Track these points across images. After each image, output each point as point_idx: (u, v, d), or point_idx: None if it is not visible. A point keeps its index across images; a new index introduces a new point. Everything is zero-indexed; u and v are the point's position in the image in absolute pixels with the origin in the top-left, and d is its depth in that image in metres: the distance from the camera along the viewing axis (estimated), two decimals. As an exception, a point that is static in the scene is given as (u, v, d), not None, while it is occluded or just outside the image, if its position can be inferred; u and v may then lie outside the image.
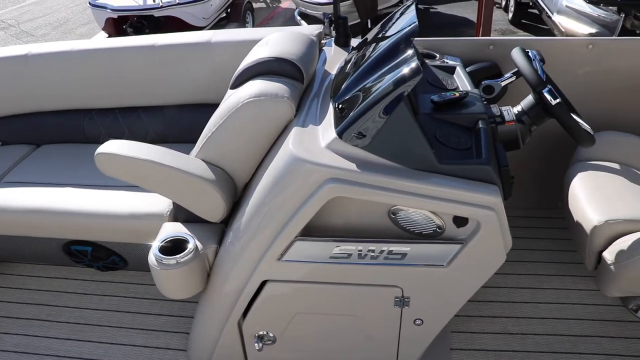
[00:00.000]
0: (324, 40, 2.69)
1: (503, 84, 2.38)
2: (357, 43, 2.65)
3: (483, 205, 1.69)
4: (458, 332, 2.39)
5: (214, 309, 2.10)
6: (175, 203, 2.17)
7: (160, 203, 2.30)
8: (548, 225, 3.04)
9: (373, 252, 1.81)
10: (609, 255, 2.06)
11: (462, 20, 9.07)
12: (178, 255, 1.91)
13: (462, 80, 2.24)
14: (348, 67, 2.09)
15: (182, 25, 7.25)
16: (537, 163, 3.02)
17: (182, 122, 2.86)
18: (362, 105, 1.70)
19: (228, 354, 2.19)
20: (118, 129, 2.92)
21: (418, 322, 1.99)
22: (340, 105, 1.83)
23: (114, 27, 7.41)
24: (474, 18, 8.84)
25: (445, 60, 2.46)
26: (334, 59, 2.47)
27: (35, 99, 2.94)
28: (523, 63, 2.00)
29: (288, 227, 1.81)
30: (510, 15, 8.87)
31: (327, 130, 1.82)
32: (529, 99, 2.05)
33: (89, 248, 2.44)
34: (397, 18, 2.14)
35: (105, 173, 2.01)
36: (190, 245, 1.95)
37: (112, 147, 1.98)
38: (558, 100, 1.88)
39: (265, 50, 2.17)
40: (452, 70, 2.36)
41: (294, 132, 1.87)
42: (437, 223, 1.77)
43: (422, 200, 1.69)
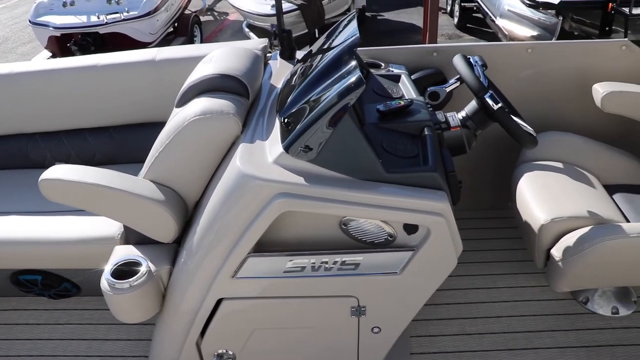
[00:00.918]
0: (270, 54, 2.69)
1: (448, 90, 2.43)
2: (302, 55, 2.67)
3: (432, 212, 1.72)
4: (417, 336, 2.42)
5: (172, 330, 2.07)
6: (126, 225, 2.14)
7: (111, 226, 2.26)
8: (500, 225, 3.10)
9: (326, 264, 1.82)
10: (557, 252, 2.12)
11: (409, 27, 9.21)
12: (131, 279, 1.87)
13: (407, 88, 2.28)
14: (293, 80, 2.10)
15: (128, 42, 7.15)
16: (486, 165, 3.08)
17: (130, 142, 2.82)
18: (307, 119, 1.71)
19: None
20: (64, 152, 2.85)
21: (376, 330, 2.00)
22: (286, 120, 1.84)
23: (58, 45, 7.26)
24: (421, 24, 8.99)
25: (391, 69, 2.49)
26: (280, 73, 2.47)
27: None
28: (465, 70, 2.05)
29: (240, 244, 1.80)
30: (456, 20, 9.06)
31: (274, 145, 1.82)
32: (473, 104, 2.10)
33: (39, 277, 2.37)
34: (339, 29, 2.16)
35: (51, 199, 1.97)
36: (143, 268, 1.92)
37: (56, 172, 1.94)
38: (499, 105, 1.93)
39: (210, 67, 2.16)
40: (397, 79, 2.39)
41: (241, 148, 1.86)
42: (388, 231, 1.78)
43: (371, 210, 1.71)
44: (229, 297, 1.93)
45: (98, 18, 6.95)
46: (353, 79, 1.65)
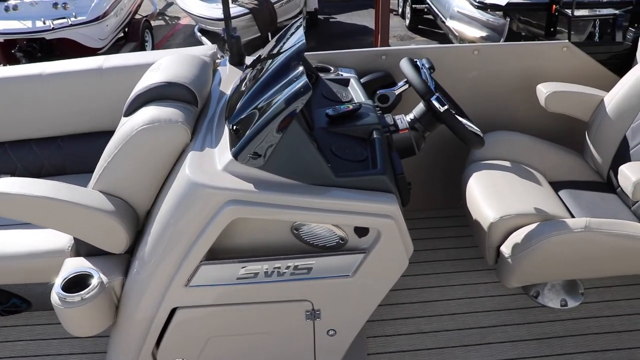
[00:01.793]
0: (219, 60, 2.68)
1: (397, 93, 2.46)
2: (251, 61, 2.67)
3: (381, 214, 1.74)
4: (374, 337, 2.44)
5: (126, 342, 2.04)
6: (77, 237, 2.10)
7: (61, 239, 2.21)
8: (453, 224, 3.16)
9: (279, 269, 1.83)
10: (506, 249, 2.17)
11: (361, 29, 9.29)
12: (82, 292, 1.84)
13: (356, 92, 2.30)
14: (242, 86, 2.09)
15: (77, 48, 6.99)
16: (437, 165, 3.14)
17: (79, 152, 2.77)
18: (255, 126, 1.71)
19: None
20: (9, 165, 2.78)
21: (331, 332, 2.02)
22: (235, 127, 1.84)
23: (1, 52, 7.04)
24: (373, 26, 9.09)
25: (340, 73, 2.51)
26: (229, 79, 2.47)
27: None
28: (411, 73, 2.08)
29: (192, 252, 1.79)
30: (408, 22, 9.19)
31: (223, 153, 1.82)
32: (420, 107, 2.14)
33: None
34: (287, 35, 2.17)
35: None
36: (95, 280, 1.89)
37: (1, 186, 1.89)
38: (446, 107, 1.96)
39: (157, 75, 2.14)
40: (346, 83, 2.41)
41: (190, 156, 1.85)
42: (339, 235, 1.80)
43: (322, 215, 1.72)
44: (183, 305, 1.92)
45: (44, 23, 6.76)
46: (299, 85, 1.67)
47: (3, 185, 1.89)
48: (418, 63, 2.24)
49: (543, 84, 2.67)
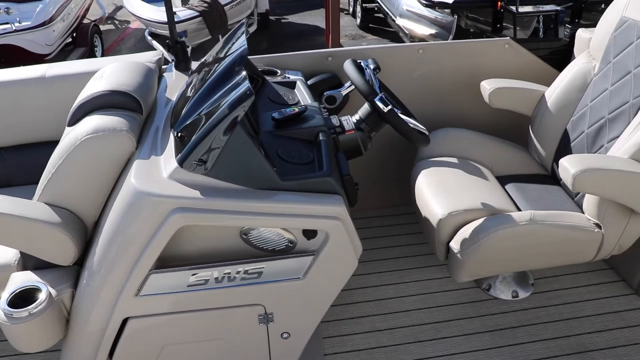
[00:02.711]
0: (165, 66, 2.65)
1: (344, 93, 2.48)
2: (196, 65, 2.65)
3: (328, 216, 1.75)
4: (329, 337, 2.46)
5: (79, 355, 2.00)
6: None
7: (6, 253, 2.16)
8: (406, 222, 3.20)
9: (229, 274, 1.82)
10: (455, 245, 2.21)
11: (313, 29, 9.32)
12: (30, 307, 1.80)
13: (302, 94, 2.31)
14: (188, 92, 2.08)
15: (23, 54, 6.79)
16: (388, 164, 3.17)
17: (24, 163, 2.70)
18: (199, 132, 1.70)
19: None
20: None
21: (285, 335, 2.02)
22: (180, 133, 1.83)
23: (-58, 59, 6.82)
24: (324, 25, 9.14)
25: (287, 75, 2.52)
26: (176, 85, 2.45)
27: None
28: (354, 75, 2.09)
29: (140, 261, 1.77)
30: (359, 21, 9.26)
31: (169, 160, 1.81)
32: (366, 108, 2.16)
33: None
34: (232, 39, 2.17)
35: None
36: (43, 294, 1.85)
37: None
38: (389, 107, 1.99)
39: (101, 84, 2.11)
40: (293, 85, 2.42)
41: (136, 165, 1.84)
42: (288, 238, 1.81)
43: (269, 219, 1.73)
44: (135, 315, 1.90)
45: None
46: (242, 91, 1.67)
47: None
48: (362, 64, 2.26)
49: (486, 81, 2.73)
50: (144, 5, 7.43)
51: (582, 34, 2.78)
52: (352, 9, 9.80)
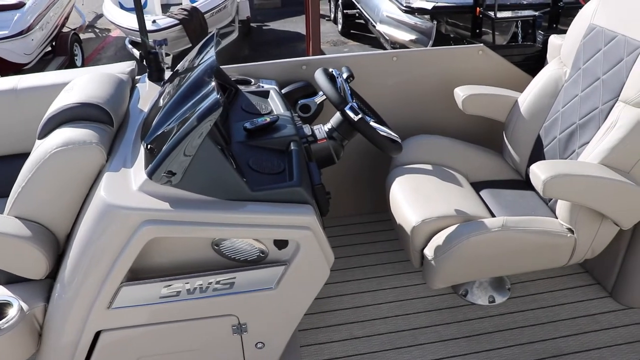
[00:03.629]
0: (139, 77, 2.64)
1: (318, 102, 2.48)
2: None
3: (299, 226, 1.75)
4: (307, 345, 2.45)
5: (52, 369, 1.99)
6: None
7: None
8: (384, 228, 3.21)
9: (201, 286, 1.82)
10: (429, 252, 2.22)
11: (295, 35, 9.34)
12: (0, 322, 1.79)
13: (275, 104, 2.31)
14: (160, 102, 2.08)
15: (1, 64, 6.75)
16: (365, 171, 3.18)
17: None
18: (168, 144, 1.70)
19: None
20: None
21: (260, 345, 2.02)
22: (150, 145, 1.82)
23: None
24: (307, 32, 9.16)
25: (261, 85, 2.52)
26: (149, 96, 2.44)
27: None
28: (325, 84, 2.09)
29: (111, 274, 1.76)
30: (340, 27, 9.29)
31: (139, 172, 1.80)
32: (337, 116, 2.16)
33: None
34: (203, 50, 2.17)
35: None
36: (13, 309, 1.83)
37: None
38: (360, 116, 1.99)
39: (71, 96, 2.10)
40: (266, 94, 2.42)
41: (106, 177, 1.83)
42: (259, 248, 1.81)
43: (240, 230, 1.73)
44: (108, 328, 1.89)
45: None
46: (210, 102, 1.67)
47: None
48: (334, 73, 2.26)
49: (460, 88, 2.74)
50: (123, 14, 7.41)
51: (554, 40, 2.81)
52: (333, 16, 9.84)
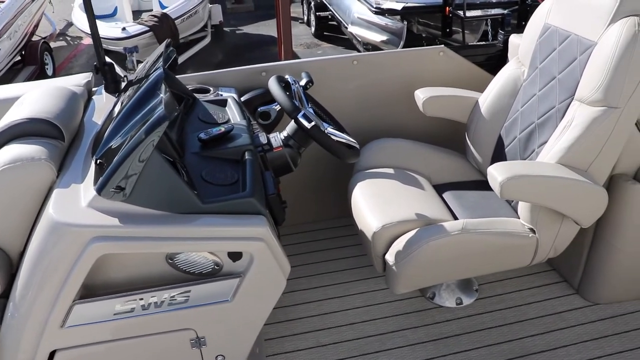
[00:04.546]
0: (95, 88, 2.61)
1: (278, 109, 2.47)
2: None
3: (252, 237, 1.73)
4: (273, 354, 2.43)
5: (9, 390, 1.95)
6: None
7: None
8: (349, 233, 3.19)
9: (156, 301, 1.79)
10: (390, 257, 2.21)
11: (268, 39, 9.31)
12: None
13: (233, 112, 2.29)
14: (114, 114, 2.04)
15: (-33, 75, 6.67)
16: (328, 175, 3.16)
17: None
18: (116, 159, 1.67)
19: None
20: None
21: (220, 358, 2.00)
22: (99, 160, 1.79)
23: None
24: (279, 35, 9.14)
25: (220, 93, 2.49)
26: (105, 108, 2.40)
27: None
28: (277, 92, 2.07)
29: (62, 292, 1.73)
30: (313, 29, 9.29)
31: (88, 188, 1.77)
32: (293, 124, 2.15)
33: None
34: (157, 60, 2.13)
35: None
36: None
37: None
38: (312, 124, 1.97)
39: (20, 111, 2.06)
40: (224, 103, 2.40)
41: (55, 194, 1.80)
42: (214, 260, 1.79)
43: (192, 243, 1.70)
44: (62, 347, 1.85)
45: None
46: (157, 115, 1.64)
47: None
48: (290, 80, 2.24)
49: (420, 90, 2.74)
50: (93, 22, 7.33)
51: (514, 40, 2.82)
52: (306, 18, 9.83)
